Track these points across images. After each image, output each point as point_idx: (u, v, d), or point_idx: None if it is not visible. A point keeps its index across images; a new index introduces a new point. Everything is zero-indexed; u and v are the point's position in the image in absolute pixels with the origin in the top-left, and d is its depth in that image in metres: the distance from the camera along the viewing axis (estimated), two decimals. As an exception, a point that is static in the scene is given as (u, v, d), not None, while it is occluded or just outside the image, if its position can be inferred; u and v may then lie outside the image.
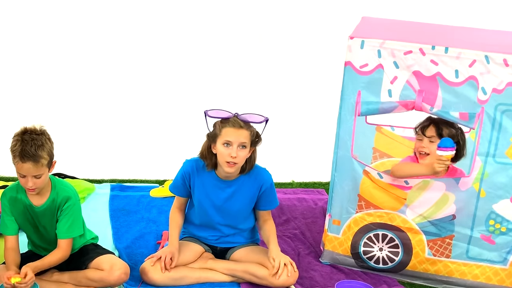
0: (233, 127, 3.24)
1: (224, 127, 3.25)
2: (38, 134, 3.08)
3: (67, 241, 3.24)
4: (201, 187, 3.42)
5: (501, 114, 3.27)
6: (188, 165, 3.43)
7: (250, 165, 3.38)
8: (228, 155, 3.23)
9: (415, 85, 3.36)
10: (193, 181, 3.42)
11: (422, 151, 3.61)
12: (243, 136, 3.24)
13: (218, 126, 3.28)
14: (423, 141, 3.60)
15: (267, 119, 3.27)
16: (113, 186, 4.53)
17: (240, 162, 3.29)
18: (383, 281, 3.61)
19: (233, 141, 3.23)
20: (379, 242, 3.60)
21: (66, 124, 5.16)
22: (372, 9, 4.85)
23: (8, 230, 3.23)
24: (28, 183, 3.08)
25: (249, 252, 3.53)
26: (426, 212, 3.49)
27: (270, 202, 3.51)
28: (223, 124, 3.26)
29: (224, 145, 3.25)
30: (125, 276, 3.30)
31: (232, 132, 3.23)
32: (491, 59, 3.22)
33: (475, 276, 3.53)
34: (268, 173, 3.47)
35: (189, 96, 5.64)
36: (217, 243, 3.57)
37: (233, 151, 3.22)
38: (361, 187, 3.55)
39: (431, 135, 3.58)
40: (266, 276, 3.40)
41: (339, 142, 3.53)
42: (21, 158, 3.02)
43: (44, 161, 3.06)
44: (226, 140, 3.24)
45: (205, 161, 3.38)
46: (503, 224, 3.44)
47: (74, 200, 3.24)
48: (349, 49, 3.38)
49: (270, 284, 3.41)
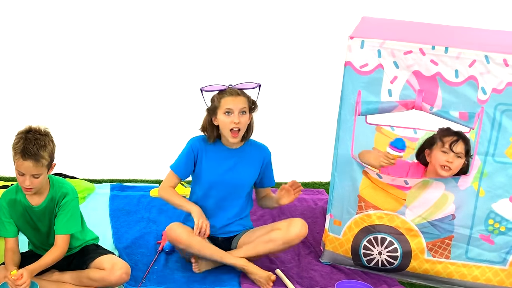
0: (231, 96, 3.41)
1: (223, 97, 3.41)
2: (42, 135, 3.09)
3: (64, 238, 3.23)
4: (209, 160, 3.52)
5: (501, 114, 3.27)
6: (195, 141, 3.55)
7: (250, 132, 3.53)
8: (231, 122, 3.39)
9: (415, 85, 3.36)
10: (201, 155, 3.52)
11: (447, 166, 3.55)
12: (242, 102, 3.41)
13: (217, 99, 3.44)
14: (449, 156, 3.54)
15: (259, 84, 3.44)
16: (113, 186, 4.53)
17: (243, 129, 3.44)
18: (383, 281, 3.61)
19: (233, 108, 3.39)
20: (379, 246, 3.59)
21: (66, 124, 5.15)
22: (372, 9, 4.85)
23: (7, 232, 3.23)
24: (25, 181, 3.09)
25: (255, 231, 3.61)
26: (425, 213, 3.49)
27: (271, 178, 3.69)
28: (221, 95, 3.43)
29: (225, 114, 3.40)
30: (126, 276, 3.30)
31: (231, 100, 3.40)
32: (491, 59, 3.22)
33: (475, 277, 3.53)
34: (267, 148, 3.64)
35: (189, 96, 5.62)
36: (218, 234, 3.60)
37: (235, 117, 3.39)
38: (361, 188, 3.55)
39: (460, 152, 3.54)
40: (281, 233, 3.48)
41: (339, 142, 3.53)
42: (23, 155, 3.03)
43: (45, 161, 3.07)
44: (226, 109, 3.40)
45: (206, 133, 3.52)
46: (502, 224, 3.44)
47: (71, 196, 3.25)
48: (349, 49, 3.39)
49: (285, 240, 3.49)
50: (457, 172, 3.56)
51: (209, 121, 3.49)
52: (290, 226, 3.50)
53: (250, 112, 3.46)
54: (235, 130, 3.41)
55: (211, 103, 3.47)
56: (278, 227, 3.54)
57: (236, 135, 3.43)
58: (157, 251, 3.76)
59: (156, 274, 3.56)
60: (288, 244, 3.52)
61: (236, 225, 3.63)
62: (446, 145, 3.55)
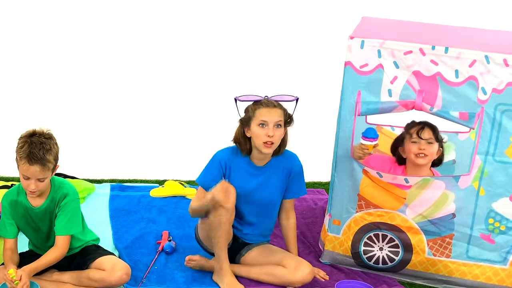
0: (267, 107, 3.29)
1: (258, 109, 3.30)
2: (46, 138, 3.07)
3: (64, 239, 3.22)
4: (237, 173, 3.42)
5: (501, 114, 3.28)
6: (224, 153, 3.43)
7: (283, 146, 3.43)
8: (265, 135, 3.28)
9: (415, 85, 3.36)
10: (229, 167, 3.41)
11: (421, 153, 3.61)
12: (277, 115, 3.29)
13: (251, 109, 3.33)
14: (420, 144, 3.61)
15: (297, 98, 3.33)
16: (113, 186, 4.53)
17: (276, 142, 3.33)
18: (383, 281, 3.61)
19: (268, 121, 3.28)
20: (379, 242, 3.60)
21: (66, 124, 5.15)
22: (372, 9, 4.84)
23: (7, 233, 3.23)
24: (30, 185, 3.08)
25: (265, 253, 3.53)
26: (426, 211, 3.49)
27: (297, 189, 3.54)
28: (256, 106, 3.31)
29: (259, 126, 3.29)
30: (126, 277, 3.30)
31: (267, 112, 3.29)
32: (491, 59, 3.22)
33: (475, 276, 3.54)
34: (297, 157, 3.52)
35: (189, 97, 5.63)
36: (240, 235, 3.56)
37: (270, 130, 3.27)
38: (361, 187, 3.55)
39: (429, 137, 3.59)
40: (286, 273, 3.40)
41: (339, 142, 3.53)
42: (29, 160, 3.01)
43: (51, 165, 3.06)
44: (261, 121, 3.28)
45: (239, 146, 3.41)
46: (503, 223, 3.44)
47: (72, 197, 3.24)
48: (349, 49, 3.39)
49: (288, 281, 3.42)
50: (434, 159, 3.65)
51: (241, 133, 3.38)
52: (298, 269, 3.39)
53: (285, 126, 3.35)
54: (268, 143, 3.30)
55: (244, 113, 3.36)
56: (286, 264, 3.42)
57: (269, 147, 3.30)
58: (157, 251, 3.76)
59: (156, 274, 3.56)
60: (289, 284, 3.44)
61: (258, 236, 3.58)
62: (414, 135, 3.61)
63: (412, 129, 3.64)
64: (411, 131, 3.64)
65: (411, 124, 3.68)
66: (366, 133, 3.48)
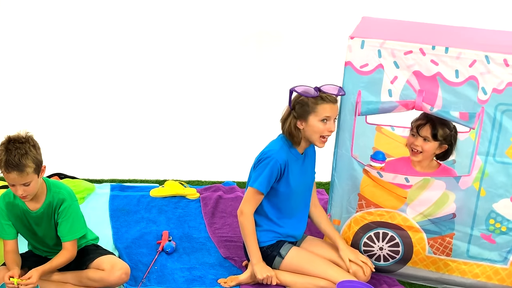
0: (330, 103, 3.32)
1: (321, 104, 3.31)
2: (21, 143, 3.02)
3: (71, 243, 3.23)
4: (293, 170, 3.43)
5: (501, 114, 3.28)
6: (281, 154, 3.39)
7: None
8: (327, 130, 3.33)
9: (415, 85, 3.36)
10: (287, 167, 3.40)
11: (415, 149, 3.63)
12: (337, 110, 3.38)
13: (312, 103, 3.31)
14: (417, 139, 3.62)
15: (344, 93, 3.38)
16: (113, 186, 4.52)
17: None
18: (383, 281, 3.61)
19: (331, 116, 3.33)
20: (380, 241, 3.60)
21: (66, 124, 5.16)
22: (372, 9, 4.86)
23: (6, 235, 3.23)
24: (18, 191, 3.06)
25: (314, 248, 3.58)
26: (426, 210, 3.49)
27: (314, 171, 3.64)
28: (319, 100, 3.31)
29: (322, 121, 3.32)
30: (125, 277, 3.30)
31: (330, 108, 3.32)
32: (491, 59, 3.22)
33: (475, 275, 3.54)
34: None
35: (189, 97, 5.64)
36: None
37: (332, 126, 3.34)
38: (362, 186, 3.55)
39: (426, 135, 3.60)
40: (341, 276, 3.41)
41: (339, 142, 3.53)
42: (6, 168, 2.99)
43: (30, 169, 3.00)
44: (325, 116, 3.31)
45: (293, 138, 3.40)
46: (503, 224, 3.44)
47: (69, 202, 3.22)
48: (349, 49, 3.39)
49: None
50: (433, 157, 3.65)
51: (294, 125, 3.37)
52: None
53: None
54: (326, 138, 3.35)
55: (299, 105, 3.34)
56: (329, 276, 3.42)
57: (325, 142, 3.37)
58: (157, 251, 3.76)
59: (156, 274, 3.56)
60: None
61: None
62: (414, 129, 3.63)
63: (416, 122, 3.65)
64: (414, 124, 3.65)
65: (418, 117, 3.68)
66: (375, 155, 3.57)
